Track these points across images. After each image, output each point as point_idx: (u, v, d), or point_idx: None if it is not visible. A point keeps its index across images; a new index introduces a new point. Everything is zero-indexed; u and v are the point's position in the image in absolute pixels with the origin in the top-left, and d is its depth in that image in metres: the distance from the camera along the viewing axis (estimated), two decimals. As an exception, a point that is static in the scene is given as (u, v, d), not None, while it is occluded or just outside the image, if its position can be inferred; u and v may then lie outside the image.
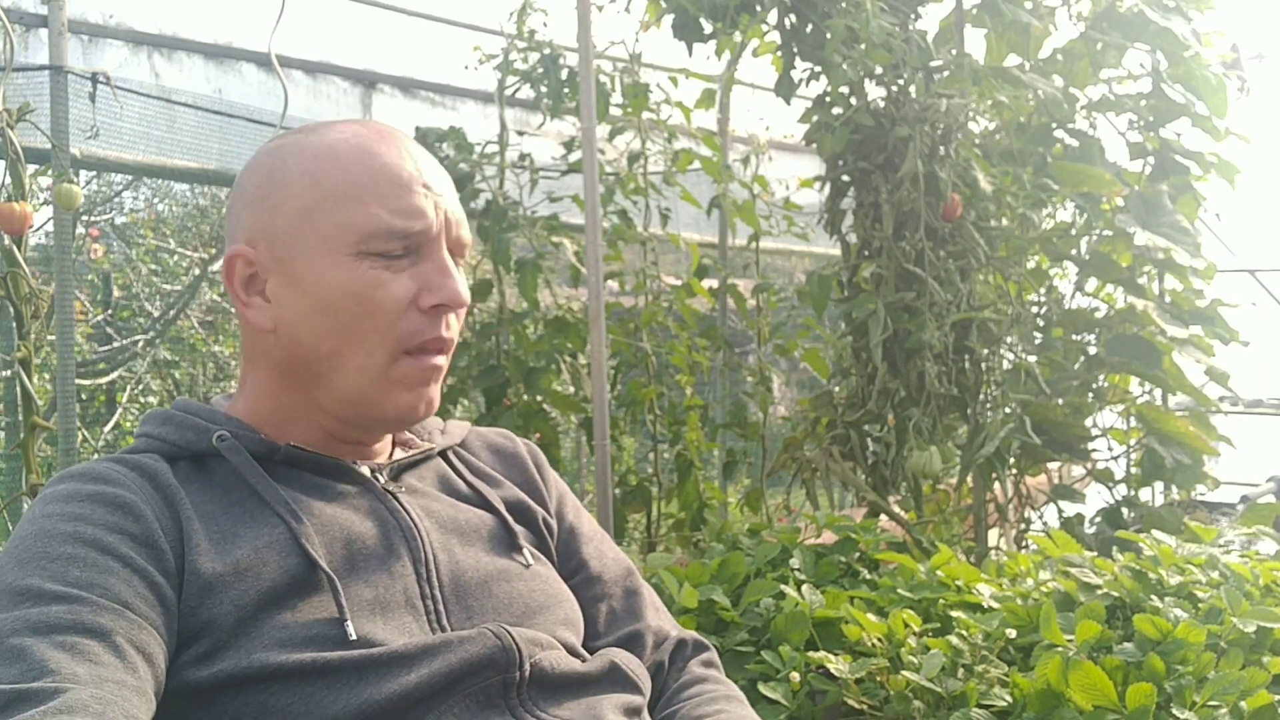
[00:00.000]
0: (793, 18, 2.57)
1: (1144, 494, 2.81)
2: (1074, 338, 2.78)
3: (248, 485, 0.93)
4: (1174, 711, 1.38)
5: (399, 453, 1.07)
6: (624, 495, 3.15)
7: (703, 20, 2.63)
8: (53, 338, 2.26)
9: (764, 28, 2.84)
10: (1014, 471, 2.68)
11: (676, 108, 3.23)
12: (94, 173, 4.41)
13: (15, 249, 2.12)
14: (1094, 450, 2.72)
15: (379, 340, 0.95)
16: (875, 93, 2.57)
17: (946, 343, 2.50)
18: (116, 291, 4.55)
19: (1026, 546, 2.73)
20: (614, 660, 0.99)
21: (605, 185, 3.09)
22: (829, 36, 2.44)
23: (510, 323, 2.99)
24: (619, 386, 3.21)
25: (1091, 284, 2.89)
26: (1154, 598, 1.67)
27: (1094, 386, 2.72)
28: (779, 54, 2.66)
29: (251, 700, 0.83)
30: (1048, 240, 2.76)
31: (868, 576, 2.01)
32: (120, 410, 4.11)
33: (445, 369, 1.00)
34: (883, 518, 2.51)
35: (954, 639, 1.64)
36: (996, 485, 2.67)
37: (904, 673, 1.56)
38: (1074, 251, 2.79)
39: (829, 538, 2.22)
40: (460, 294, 0.96)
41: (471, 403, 3.13)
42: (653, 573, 1.93)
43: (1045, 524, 2.80)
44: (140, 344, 4.40)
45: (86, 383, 4.01)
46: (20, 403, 2.17)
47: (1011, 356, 2.66)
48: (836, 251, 2.82)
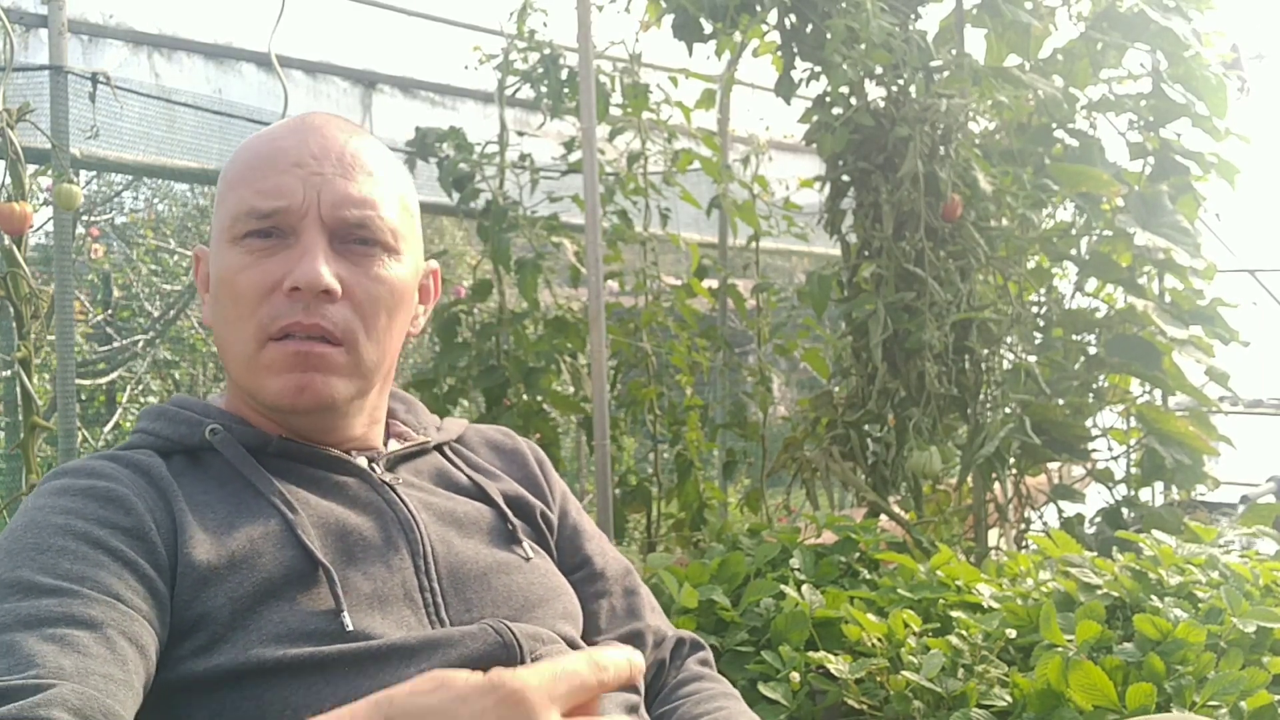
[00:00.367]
0: (793, 18, 2.57)
1: (1144, 494, 2.81)
2: (1074, 338, 2.78)
3: (243, 478, 0.93)
4: (1174, 711, 1.38)
5: (394, 444, 1.06)
6: (624, 495, 3.15)
7: (703, 20, 2.63)
8: (53, 338, 2.26)
9: (764, 28, 2.84)
10: (1014, 471, 2.68)
11: (676, 108, 3.23)
12: (94, 173, 4.41)
13: (15, 249, 2.12)
14: (1094, 450, 2.72)
15: (244, 326, 0.94)
16: (875, 93, 2.57)
17: (946, 343, 2.50)
18: (116, 291, 4.54)
19: (1026, 546, 2.73)
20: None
21: (605, 185, 3.09)
22: (829, 36, 2.44)
23: (510, 323, 3.00)
24: (619, 386, 3.21)
25: (1091, 284, 2.89)
26: (1154, 598, 1.67)
27: (1094, 386, 2.72)
28: (779, 54, 2.66)
29: (249, 693, 0.83)
30: (1048, 240, 2.76)
31: (868, 576, 2.01)
32: (120, 410, 4.11)
33: (334, 356, 0.94)
34: (883, 518, 2.51)
35: (954, 639, 1.64)
36: (996, 485, 2.67)
37: (904, 673, 1.56)
38: (1074, 251, 2.79)
39: (829, 538, 2.22)
40: (316, 277, 0.91)
41: (471, 403, 3.13)
42: (653, 573, 1.93)
43: (1045, 524, 2.80)
44: (140, 344, 4.40)
45: (86, 383, 4.01)
46: (20, 403, 2.17)
47: (1011, 356, 2.66)
48: (836, 251, 2.82)
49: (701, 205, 3.33)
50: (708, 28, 2.65)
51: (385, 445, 1.06)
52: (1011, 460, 2.62)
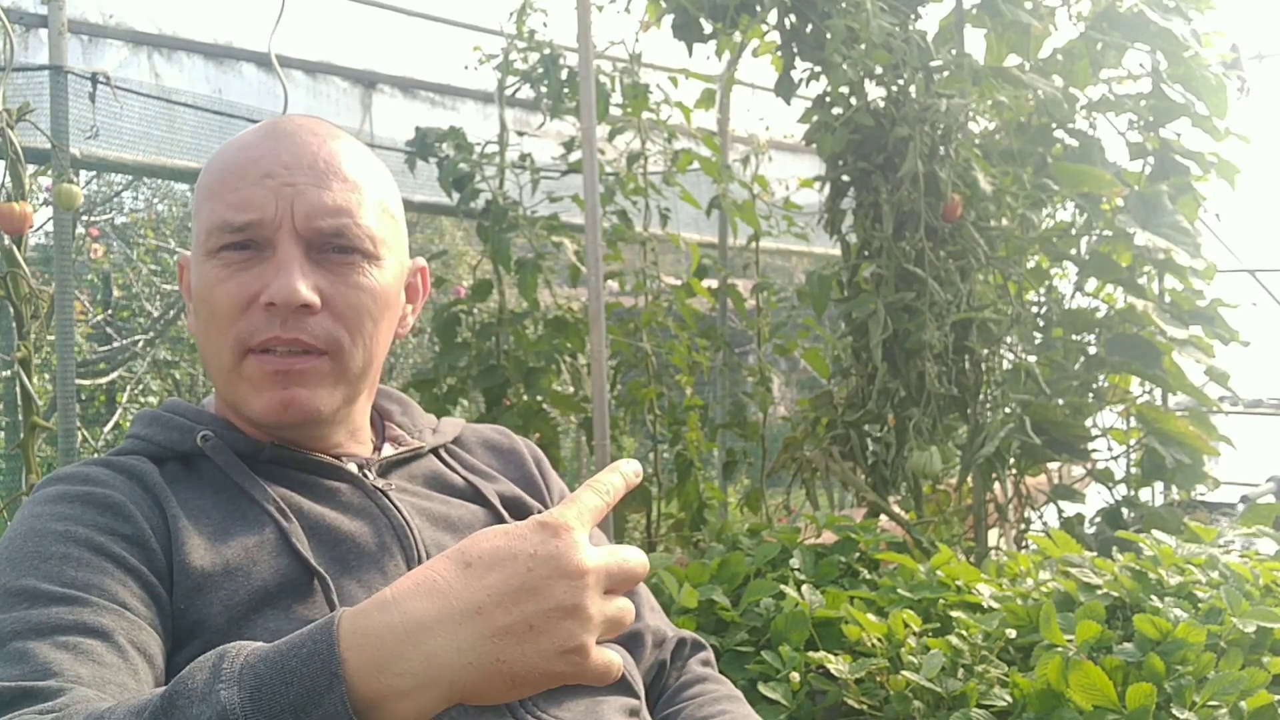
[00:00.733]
0: (793, 18, 2.57)
1: (1144, 494, 2.81)
2: (1074, 338, 2.78)
3: (236, 484, 0.93)
4: (1174, 711, 1.38)
5: (388, 449, 1.06)
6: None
7: (703, 20, 2.63)
8: (53, 338, 2.26)
9: (764, 28, 2.84)
10: (1014, 471, 2.68)
11: (676, 108, 3.23)
12: (94, 173, 4.42)
13: (15, 249, 2.12)
14: (1094, 450, 2.72)
15: (222, 340, 0.93)
16: (875, 93, 2.57)
17: (946, 343, 2.50)
18: (116, 291, 4.55)
19: (1026, 546, 2.73)
20: (614, 662, 0.99)
21: (605, 185, 3.09)
22: (829, 36, 2.44)
23: (510, 323, 3.00)
24: (619, 386, 3.21)
25: (1091, 284, 2.89)
26: (1154, 598, 1.67)
27: (1094, 386, 2.71)
28: (779, 54, 2.66)
29: None
30: (1048, 240, 2.76)
31: (868, 576, 2.01)
32: (120, 410, 4.11)
33: (317, 366, 0.93)
34: (883, 518, 2.51)
35: (954, 639, 1.64)
36: (996, 485, 2.67)
37: (904, 673, 1.56)
38: (1074, 251, 2.79)
39: (829, 538, 2.22)
40: (292, 293, 0.89)
41: (471, 403, 3.13)
42: (653, 573, 1.93)
43: (1045, 524, 2.80)
44: (140, 344, 4.40)
45: (86, 383, 4.01)
46: (20, 403, 2.17)
47: (1011, 356, 2.66)
48: (836, 251, 2.82)
49: (701, 205, 3.33)
50: (708, 28, 2.65)
51: (380, 448, 1.06)
52: (1011, 460, 2.62)
